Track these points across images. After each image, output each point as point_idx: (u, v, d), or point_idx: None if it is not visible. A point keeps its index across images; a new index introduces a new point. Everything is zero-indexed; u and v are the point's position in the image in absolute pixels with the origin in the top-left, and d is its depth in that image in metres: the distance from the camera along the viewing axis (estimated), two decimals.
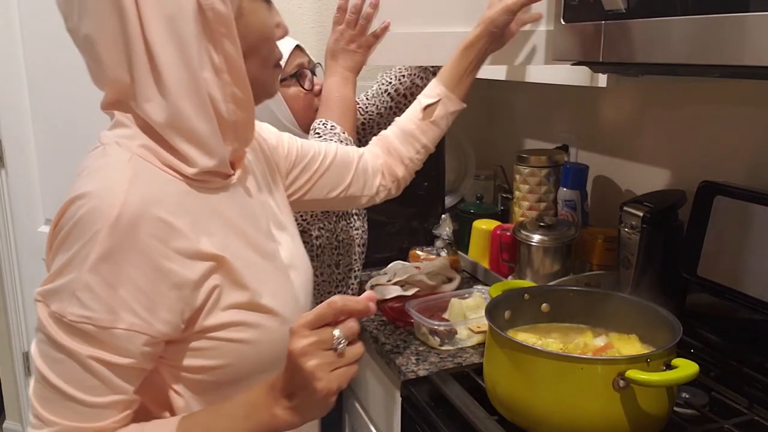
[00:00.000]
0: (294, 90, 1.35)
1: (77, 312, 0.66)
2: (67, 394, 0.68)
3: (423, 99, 1.15)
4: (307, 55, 1.40)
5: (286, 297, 0.83)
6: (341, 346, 0.67)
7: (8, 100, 2.29)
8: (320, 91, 1.38)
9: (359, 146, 1.29)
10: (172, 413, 0.76)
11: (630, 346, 1.04)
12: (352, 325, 0.68)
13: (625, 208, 1.31)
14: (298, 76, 1.35)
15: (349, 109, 1.30)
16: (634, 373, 0.87)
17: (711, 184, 1.22)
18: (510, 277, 1.55)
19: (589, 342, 1.05)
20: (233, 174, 0.80)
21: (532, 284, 1.33)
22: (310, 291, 0.94)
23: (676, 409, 0.99)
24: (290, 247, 0.90)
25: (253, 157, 0.92)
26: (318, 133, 1.24)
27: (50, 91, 2.24)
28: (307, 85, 1.36)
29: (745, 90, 1.25)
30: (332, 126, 1.25)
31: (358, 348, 0.69)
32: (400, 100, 1.49)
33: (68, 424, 0.68)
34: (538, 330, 1.13)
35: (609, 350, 1.01)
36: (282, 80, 1.32)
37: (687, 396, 1.05)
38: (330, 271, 1.42)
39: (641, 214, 1.27)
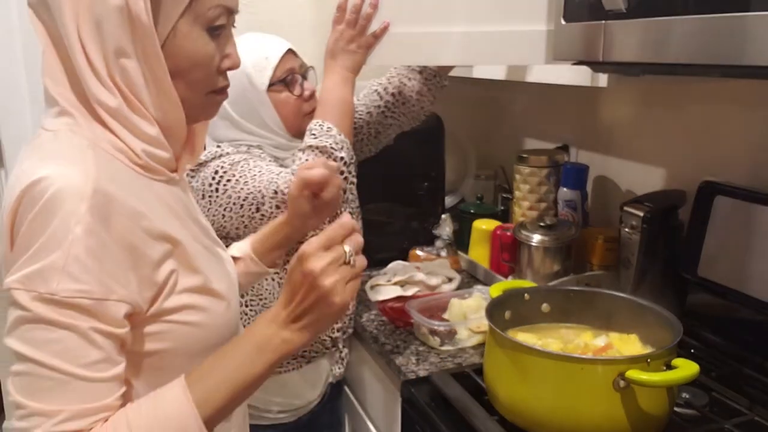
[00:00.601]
0: (284, 95, 1.35)
1: (71, 287, 0.65)
2: (69, 374, 0.66)
3: (232, 249, 1.10)
4: (300, 59, 1.40)
5: (229, 284, 0.86)
6: (353, 260, 0.73)
7: (8, 99, 2.29)
8: (311, 96, 1.38)
9: (353, 146, 1.29)
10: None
11: (630, 346, 1.04)
12: (359, 239, 0.75)
13: (626, 208, 1.31)
14: (287, 82, 1.35)
15: (347, 110, 1.30)
16: (634, 374, 0.87)
17: (711, 184, 1.22)
18: (510, 278, 1.54)
19: (589, 342, 1.05)
20: (176, 172, 0.82)
21: (533, 284, 1.33)
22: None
23: (676, 409, 0.99)
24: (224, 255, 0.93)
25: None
26: (313, 134, 1.24)
27: None
28: (296, 90, 1.36)
29: (746, 90, 1.25)
30: (329, 127, 1.25)
31: (364, 260, 0.75)
32: (388, 99, 1.48)
33: (75, 408, 0.66)
34: (539, 330, 1.12)
35: (609, 350, 1.01)
36: (271, 85, 1.32)
37: (687, 396, 1.05)
38: None
39: (642, 214, 1.27)
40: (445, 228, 1.72)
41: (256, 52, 1.33)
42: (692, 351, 1.19)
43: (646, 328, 1.04)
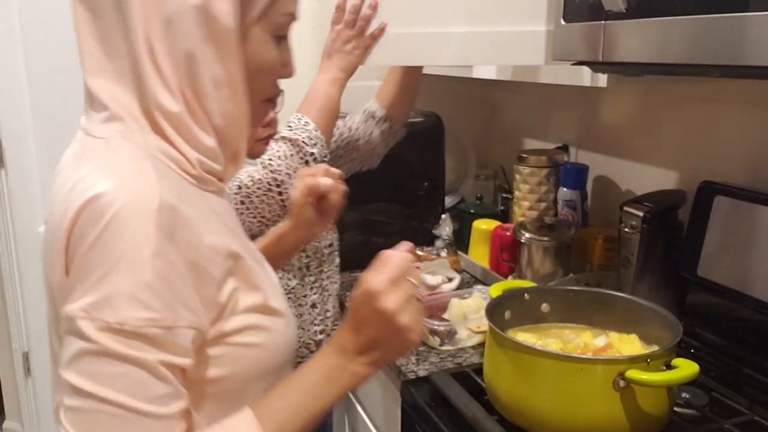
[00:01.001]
0: None
1: (141, 315, 0.60)
2: (133, 410, 0.61)
3: None
4: None
5: (283, 300, 0.82)
6: (419, 293, 0.71)
7: (8, 99, 2.29)
8: (269, 122, 1.32)
9: (333, 160, 1.29)
10: None
11: (630, 346, 1.04)
12: (416, 270, 0.73)
13: (626, 208, 1.31)
14: None
15: (329, 109, 1.29)
16: (634, 373, 0.87)
17: (711, 184, 1.22)
18: (510, 277, 1.54)
19: (589, 342, 1.05)
20: (223, 181, 0.78)
21: (532, 284, 1.33)
22: None
23: (676, 409, 0.99)
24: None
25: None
26: (290, 126, 1.25)
27: (50, 90, 2.24)
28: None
29: (746, 90, 1.25)
30: (306, 122, 1.25)
31: (423, 290, 0.75)
32: (339, 143, 1.46)
33: None
34: (538, 330, 1.12)
35: (609, 350, 1.01)
36: None
37: (687, 396, 1.05)
38: (302, 274, 1.42)
39: (641, 214, 1.27)
40: (445, 228, 1.72)
41: None
42: (692, 351, 1.19)
43: (646, 328, 1.04)
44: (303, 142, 1.23)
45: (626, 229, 1.30)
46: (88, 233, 0.60)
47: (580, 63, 1.05)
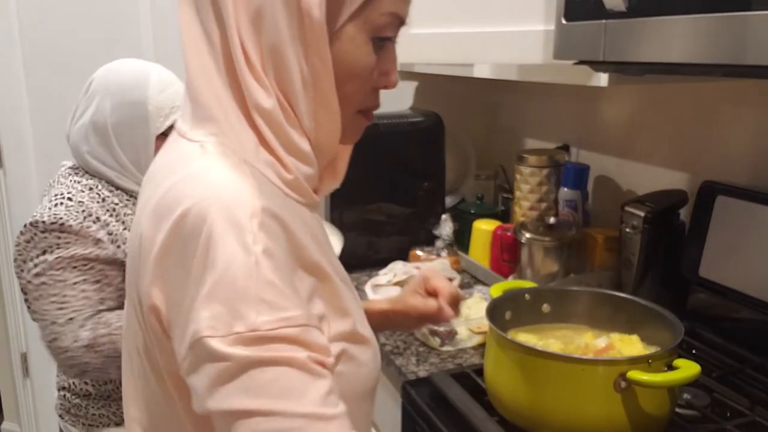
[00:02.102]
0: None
1: (272, 317, 0.54)
2: (303, 415, 0.54)
3: None
4: None
5: (368, 326, 0.74)
6: None
7: (6, 99, 2.29)
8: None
9: None
10: None
11: (631, 346, 1.03)
12: None
13: (627, 208, 1.31)
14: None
15: None
16: (635, 374, 0.87)
17: (713, 184, 1.22)
18: (510, 278, 1.54)
19: (590, 343, 1.05)
20: (318, 193, 0.71)
21: (533, 284, 1.32)
22: None
23: (677, 410, 0.99)
24: None
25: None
26: None
27: (48, 90, 2.24)
28: None
29: (748, 89, 1.25)
30: None
31: None
32: None
33: None
34: (539, 331, 1.12)
35: (610, 351, 1.01)
36: (163, 134, 1.28)
37: (688, 397, 1.05)
38: None
39: (643, 214, 1.26)
40: (445, 228, 1.71)
41: (166, 95, 1.28)
42: (693, 351, 1.19)
43: (647, 329, 1.04)
44: None
45: (627, 230, 1.30)
46: (189, 245, 0.56)
47: (581, 62, 1.05)
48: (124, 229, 1.27)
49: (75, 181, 1.29)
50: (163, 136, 1.29)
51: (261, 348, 0.53)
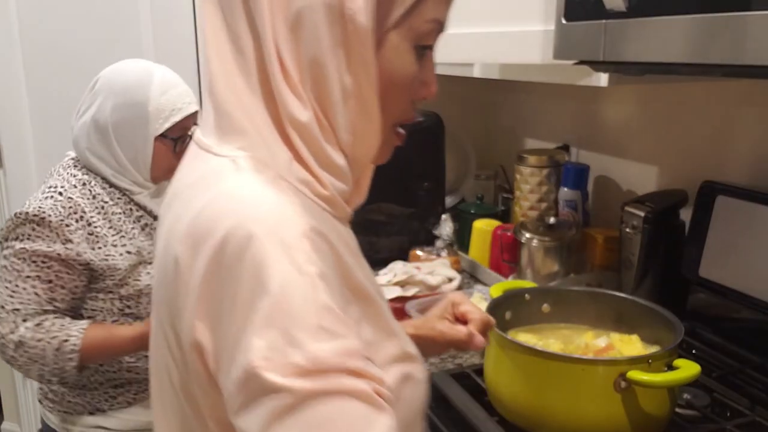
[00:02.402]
0: (166, 149, 1.32)
1: (331, 345, 0.50)
2: None
3: None
4: (195, 119, 1.37)
5: (411, 341, 0.70)
6: None
7: (6, 99, 2.28)
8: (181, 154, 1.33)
9: None
10: None
11: (631, 346, 1.03)
12: None
13: (627, 208, 1.31)
14: (176, 141, 1.32)
15: None
16: (635, 374, 0.87)
17: (713, 184, 1.22)
18: (510, 278, 1.54)
19: (590, 343, 1.05)
20: (350, 208, 0.67)
21: (533, 284, 1.32)
22: None
23: (677, 410, 0.99)
24: None
25: None
26: None
27: (48, 90, 2.24)
28: (178, 148, 1.33)
29: (748, 89, 1.25)
30: None
31: None
32: None
33: None
34: (539, 331, 1.12)
35: (610, 351, 1.01)
36: (162, 135, 1.30)
37: (688, 397, 1.05)
38: None
39: (643, 214, 1.26)
40: (445, 228, 1.71)
41: (167, 98, 1.30)
42: (693, 351, 1.19)
43: (648, 329, 1.04)
44: None
45: (627, 230, 1.30)
46: (234, 271, 0.51)
47: (581, 62, 1.05)
48: (110, 227, 1.29)
49: (71, 174, 1.31)
50: (162, 137, 1.31)
51: (322, 379, 0.49)
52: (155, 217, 1.38)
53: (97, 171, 1.32)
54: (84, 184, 1.30)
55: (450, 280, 1.52)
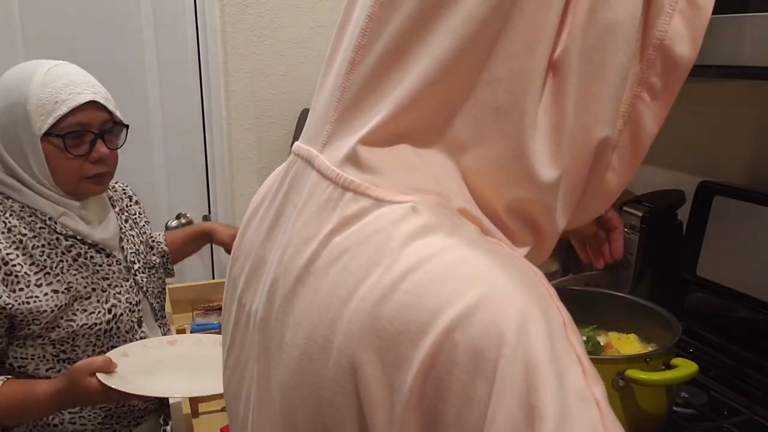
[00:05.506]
0: (58, 150, 1.15)
1: (601, 389, 0.40)
2: None
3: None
4: (108, 115, 1.20)
5: None
6: None
7: None
8: (99, 158, 1.18)
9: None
10: None
11: (629, 345, 1.04)
12: None
13: (625, 208, 1.31)
14: (66, 138, 1.14)
15: None
16: (633, 373, 0.87)
17: (710, 184, 1.22)
18: None
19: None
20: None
21: None
22: None
23: (675, 408, 1.00)
24: None
25: None
26: None
27: None
28: (77, 151, 1.16)
29: (745, 90, 1.25)
30: None
31: None
32: None
33: None
34: None
35: (608, 350, 1.01)
36: (48, 134, 1.14)
37: (686, 395, 1.05)
38: None
39: (640, 214, 1.27)
40: None
41: (50, 90, 1.14)
42: (691, 350, 1.19)
43: (645, 328, 1.04)
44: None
45: (626, 229, 1.30)
46: (474, 382, 0.35)
47: None
48: (31, 264, 1.13)
49: None
50: (48, 136, 1.15)
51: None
52: (91, 244, 1.21)
53: (7, 196, 1.16)
54: None
55: None
